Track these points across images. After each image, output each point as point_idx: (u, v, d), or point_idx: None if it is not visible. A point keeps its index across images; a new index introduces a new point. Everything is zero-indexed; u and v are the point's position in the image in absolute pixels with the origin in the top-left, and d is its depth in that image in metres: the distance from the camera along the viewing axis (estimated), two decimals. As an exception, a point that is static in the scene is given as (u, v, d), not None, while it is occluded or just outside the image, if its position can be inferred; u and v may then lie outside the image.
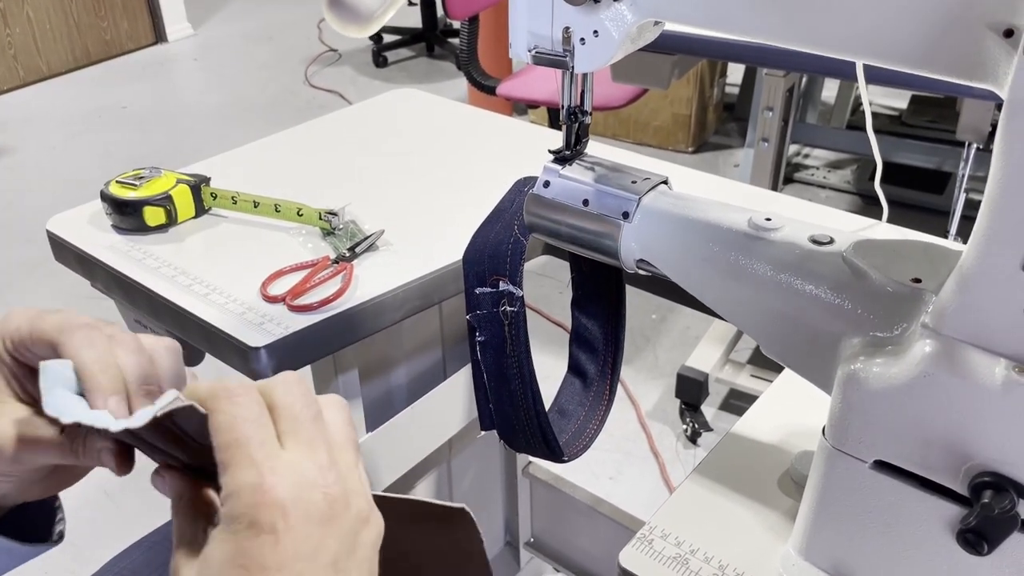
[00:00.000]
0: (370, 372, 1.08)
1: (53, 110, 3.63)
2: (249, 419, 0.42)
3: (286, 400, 0.43)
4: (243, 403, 0.42)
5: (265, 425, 0.42)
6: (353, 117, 1.23)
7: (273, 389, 0.44)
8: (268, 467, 0.40)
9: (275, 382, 0.44)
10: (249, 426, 0.41)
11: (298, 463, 0.41)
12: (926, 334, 0.47)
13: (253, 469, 0.40)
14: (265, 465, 0.40)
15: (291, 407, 0.43)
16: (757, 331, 0.58)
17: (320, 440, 0.43)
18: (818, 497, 0.54)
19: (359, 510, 0.42)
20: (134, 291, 0.87)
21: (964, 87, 0.47)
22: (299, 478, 0.41)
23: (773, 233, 0.57)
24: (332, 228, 0.92)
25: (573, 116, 0.64)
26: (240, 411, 0.42)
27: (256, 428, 0.41)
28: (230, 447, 0.41)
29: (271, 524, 0.39)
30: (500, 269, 0.68)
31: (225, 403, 0.42)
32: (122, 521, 1.66)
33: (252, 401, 0.43)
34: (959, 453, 0.47)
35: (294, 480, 0.40)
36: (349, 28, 0.61)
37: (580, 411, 0.78)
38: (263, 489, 0.40)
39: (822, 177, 2.84)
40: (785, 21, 0.50)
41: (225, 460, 0.41)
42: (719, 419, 1.91)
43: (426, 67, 4.05)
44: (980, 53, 0.44)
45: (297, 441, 0.42)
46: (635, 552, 0.60)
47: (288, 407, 0.43)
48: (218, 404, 0.42)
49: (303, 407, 0.43)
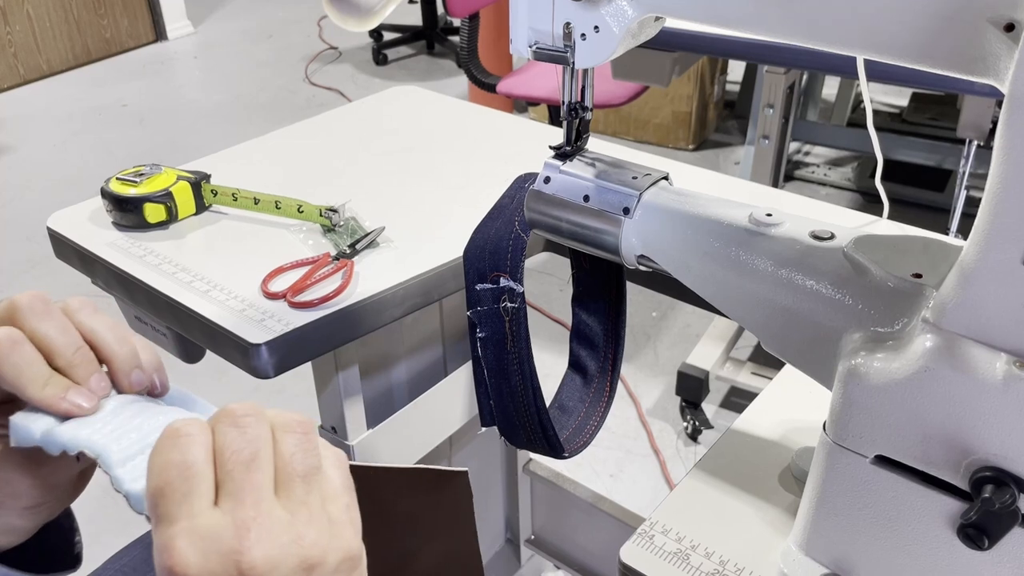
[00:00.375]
0: (371, 369, 1.08)
1: (53, 108, 3.63)
2: (180, 466, 0.38)
3: (219, 443, 0.40)
4: (181, 446, 0.39)
5: (197, 475, 0.38)
6: (353, 114, 1.23)
7: (214, 429, 0.40)
8: (182, 528, 0.37)
9: (217, 419, 0.41)
10: (176, 475, 0.38)
11: (212, 528, 0.37)
12: (927, 329, 0.47)
13: (167, 528, 0.37)
14: (179, 526, 0.37)
15: (221, 452, 0.39)
16: (758, 327, 0.58)
17: (248, 491, 0.39)
18: (819, 492, 0.54)
19: (297, 562, 0.38)
20: (134, 288, 0.87)
21: (964, 83, 0.47)
22: (210, 546, 0.37)
23: (774, 229, 0.57)
24: (332, 225, 0.92)
25: (574, 112, 0.64)
26: (173, 456, 0.39)
27: (183, 479, 0.38)
28: (155, 496, 0.38)
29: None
30: (501, 265, 0.68)
31: (165, 443, 0.39)
32: (121, 519, 1.66)
33: (192, 444, 0.39)
34: (960, 448, 0.47)
35: (204, 549, 0.37)
36: (349, 22, 0.61)
37: (581, 407, 0.78)
38: (172, 555, 0.37)
39: (822, 175, 2.84)
40: (785, 16, 0.50)
41: (150, 508, 0.39)
42: (719, 416, 1.91)
43: (426, 65, 4.05)
44: (981, 47, 0.44)
45: (222, 495, 0.39)
46: (636, 548, 0.60)
47: (219, 452, 0.39)
48: (159, 443, 0.40)
49: (232, 452, 0.39)
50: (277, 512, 0.39)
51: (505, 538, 1.49)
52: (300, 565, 0.38)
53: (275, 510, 0.39)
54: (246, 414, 0.40)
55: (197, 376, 2.06)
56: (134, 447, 0.44)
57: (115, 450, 0.44)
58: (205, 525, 0.37)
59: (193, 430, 0.39)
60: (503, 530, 1.49)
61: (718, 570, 0.59)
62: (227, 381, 2.01)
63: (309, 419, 0.43)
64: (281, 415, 0.42)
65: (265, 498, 0.39)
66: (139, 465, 0.43)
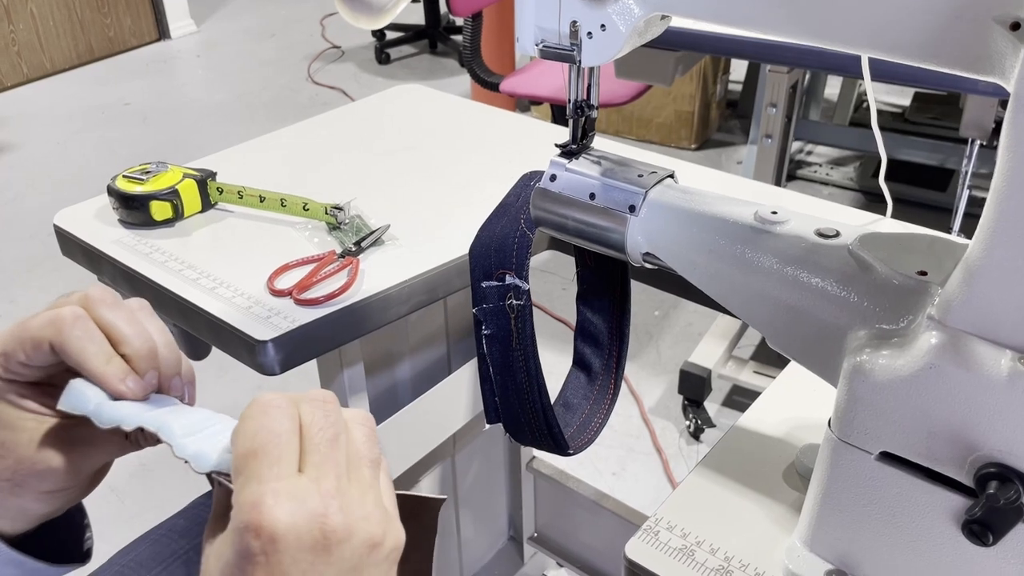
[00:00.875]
0: (375, 366, 1.09)
1: (56, 106, 3.63)
2: (272, 432, 0.41)
3: (306, 420, 0.43)
4: (273, 416, 0.42)
5: (286, 443, 0.41)
6: (358, 112, 1.23)
7: (300, 407, 0.44)
8: (271, 489, 0.40)
9: (302, 399, 0.44)
10: (268, 439, 0.41)
11: (301, 490, 0.40)
12: (932, 326, 0.48)
13: (256, 486, 0.40)
14: (269, 485, 0.40)
15: (309, 427, 0.43)
16: (763, 324, 0.58)
17: (331, 465, 0.42)
18: (823, 489, 0.54)
19: (366, 537, 0.41)
20: (141, 285, 0.87)
21: (968, 82, 0.47)
22: (298, 506, 0.40)
23: (779, 226, 0.57)
24: (338, 223, 0.93)
25: (580, 110, 0.64)
26: (266, 422, 0.42)
27: (275, 444, 0.41)
28: (247, 456, 0.41)
29: (261, 549, 0.39)
30: (506, 263, 0.68)
31: (257, 410, 0.42)
32: (127, 515, 1.66)
33: (283, 416, 0.42)
34: (964, 444, 0.47)
35: (292, 508, 0.39)
36: (360, 20, 0.61)
37: (585, 405, 0.78)
38: (260, 511, 0.39)
39: (825, 174, 2.84)
40: (792, 15, 0.50)
41: (238, 468, 0.41)
42: (722, 415, 1.92)
43: (429, 64, 4.05)
44: (987, 46, 0.44)
45: (307, 464, 0.42)
46: (641, 544, 0.60)
47: (306, 427, 0.43)
48: (250, 411, 0.43)
49: (319, 429, 0.43)
50: (353, 490, 0.42)
51: (508, 536, 1.50)
52: (367, 541, 0.41)
53: (351, 487, 0.42)
54: (327, 400, 0.44)
55: (200, 373, 2.07)
56: (192, 427, 0.47)
57: (176, 426, 0.47)
58: (294, 487, 0.40)
59: (284, 403, 0.43)
60: (506, 528, 1.49)
61: (723, 566, 0.59)
62: (230, 379, 2.02)
63: (372, 417, 0.47)
64: (351, 410, 0.46)
65: (343, 474, 0.42)
66: (201, 439, 0.46)
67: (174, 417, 0.48)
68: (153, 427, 0.47)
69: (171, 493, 1.72)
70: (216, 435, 0.46)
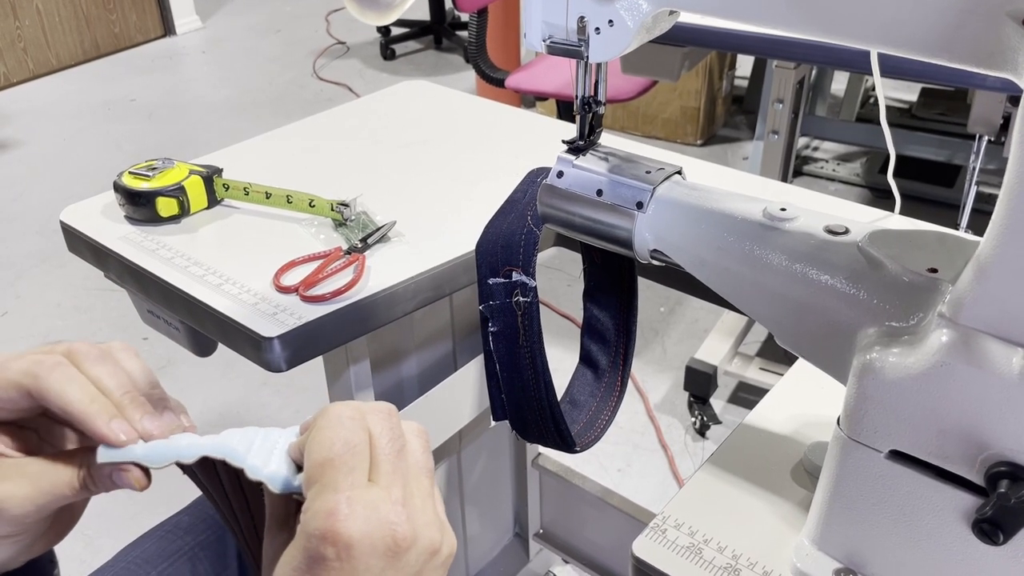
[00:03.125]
0: (381, 363, 1.09)
1: (62, 103, 3.64)
2: (347, 443, 0.43)
3: (375, 431, 0.44)
4: (347, 427, 0.43)
5: (360, 454, 0.43)
6: (363, 109, 1.23)
7: (368, 419, 0.45)
8: (347, 498, 0.41)
9: (368, 411, 0.45)
10: (344, 450, 0.43)
11: (374, 500, 0.42)
12: (942, 323, 0.47)
13: (332, 495, 0.41)
14: (344, 494, 0.41)
15: (378, 439, 0.44)
16: (772, 321, 0.58)
17: (398, 475, 0.44)
18: (832, 487, 0.54)
19: (428, 544, 0.43)
20: (147, 281, 0.87)
21: (977, 78, 0.47)
22: (372, 514, 0.41)
23: (788, 223, 0.57)
24: (344, 219, 0.93)
25: (587, 106, 0.64)
26: (342, 433, 0.43)
27: (350, 455, 0.43)
28: (322, 465, 0.42)
29: (336, 555, 0.40)
30: (513, 260, 0.68)
31: (332, 420, 0.44)
32: (133, 511, 1.67)
33: (357, 427, 0.44)
34: (975, 443, 0.47)
35: (367, 516, 0.41)
36: (368, 15, 0.61)
37: (592, 402, 0.78)
38: (336, 519, 0.40)
39: (831, 170, 2.83)
40: (802, 10, 0.50)
41: (312, 476, 0.42)
42: (728, 412, 1.91)
43: (434, 60, 4.04)
44: (998, 41, 0.44)
45: (377, 474, 0.43)
46: (649, 541, 0.60)
47: (375, 439, 0.44)
48: (325, 421, 0.44)
49: (388, 441, 0.44)
50: (416, 500, 0.44)
51: (514, 532, 1.50)
52: (428, 548, 0.44)
53: (415, 498, 0.44)
54: (391, 412, 0.46)
55: (204, 370, 2.07)
56: (250, 443, 0.47)
57: (240, 448, 0.46)
58: (368, 496, 0.42)
59: (356, 415, 0.44)
60: (512, 524, 1.49)
61: (731, 564, 0.59)
62: (234, 375, 2.02)
63: (426, 429, 0.48)
64: (408, 422, 0.47)
65: (408, 484, 0.44)
66: (260, 456, 0.46)
67: (232, 439, 0.47)
68: (218, 454, 0.46)
69: (175, 490, 1.72)
70: (271, 451, 0.46)
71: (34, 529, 0.49)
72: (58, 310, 2.36)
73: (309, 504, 0.42)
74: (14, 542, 0.49)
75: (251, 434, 0.48)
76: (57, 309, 2.36)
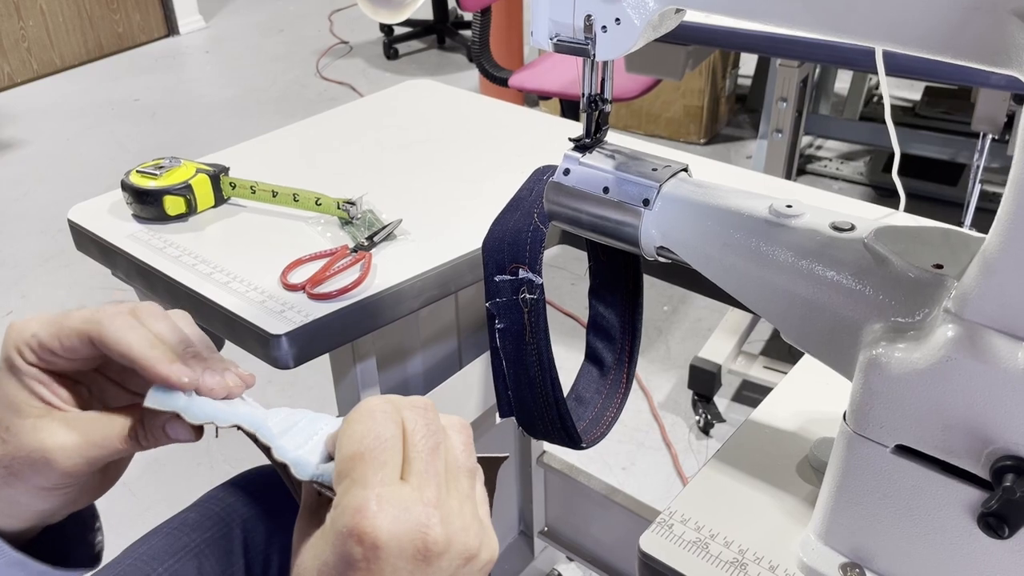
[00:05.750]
0: (387, 360, 1.09)
1: (66, 102, 3.65)
2: (379, 437, 0.41)
3: (409, 426, 0.43)
4: (379, 420, 0.42)
5: (391, 449, 0.41)
6: (368, 108, 1.24)
7: (403, 413, 0.43)
8: (376, 495, 0.40)
9: (404, 405, 0.44)
10: (375, 444, 0.41)
11: (405, 499, 0.40)
12: (948, 319, 0.48)
13: (361, 491, 0.40)
14: (373, 491, 0.40)
15: (412, 434, 0.42)
16: (778, 317, 0.58)
17: (432, 474, 0.42)
18: (838, 482, 0.54)
19: (463, 549, 0.41)
20: (155, 279, 0.88)
21: (981, 76, 0.47)
22: (401, 514, 0.40)
23: (794, 220, 0.57)
24: (350, 217, 0.93)
25: (593, 104, 0.64)
26: (373, 427, 0.42)
27: (381, 449, 0.41)
28: (352, 459, 0.41)
29: (363, 555, 0.39)
30: (520, 257, 0.68)
31: (364, 413, 0.42)
32: (139, 509, 1.67)
33: (389, 420, 0.42)
34: (981, 437, 0.47)
35: (396, 516, 0.39)
36: (380, 13, 0.61)
37: (598, 399, 0.78)
38: (364, 516, 0.39)
39: (835, 169, 2.83)
40: (808, 8, 0.50)
41: (343, 470, 0.41)
42: (732, 410, 1.92)
43: (437, 59, 4.05)
44: (1003, 39, 0.44)
45: (410, 472, 0.42)
46: (655, 537, 0.61)
47: (409, 434, 0.43)
48: (357, 414, 0.43)
49: (422, 437, 0.43)
50: (452, 501, 0.42)
51: (519, 530, 1.50)
52: (463, 553, 0.41)
53: (451, 499, 0.42)
54: (428, 407, 0.44)
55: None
56: (282, 424, 0.46)
57: (274, 427, 0.46)
58: (398, 494, 0.40)
59: (389, 408, 0.43)
60: (516, 522, 1.49)
61: (737, 559, 0.59)
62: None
63: (469, 425, 0.47)
64: (448, 416, 0.46)
65: (443, 484, 0.42)
66: (299, 441, 0.45)
67: (269, 417, 0.47)
68: (251, 427, 0.46)
69: (183, 487, 1.73)
70: (311, 437, 0.45)
71: (81, 483, 0.51)
72: (63, 309, 2.36)
73: (339, 500, 0.40)
74: (62, 494, 0.51)
75: (298, 416, 0.47)
76: (62, 308, 2.37)
